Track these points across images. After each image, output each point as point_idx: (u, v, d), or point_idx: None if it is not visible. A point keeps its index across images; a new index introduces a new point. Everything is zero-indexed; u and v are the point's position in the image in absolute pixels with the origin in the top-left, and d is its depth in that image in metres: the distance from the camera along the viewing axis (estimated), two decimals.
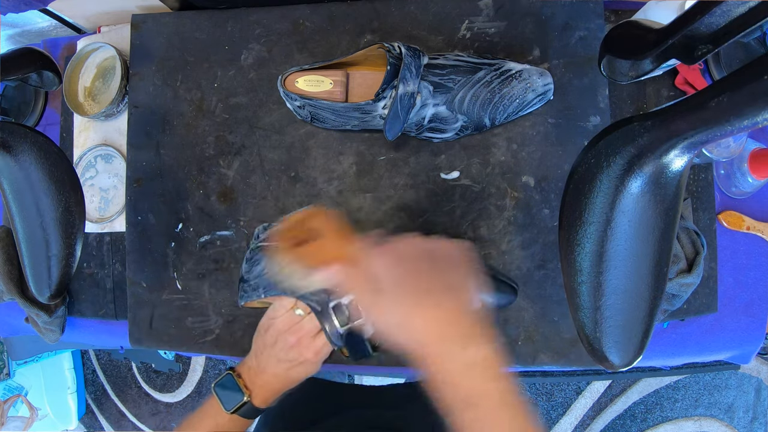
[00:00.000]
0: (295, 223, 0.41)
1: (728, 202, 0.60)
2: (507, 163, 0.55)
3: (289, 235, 0.40)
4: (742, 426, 1.44)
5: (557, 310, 0.53)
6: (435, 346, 0.33)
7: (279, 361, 0.48)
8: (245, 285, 0.51)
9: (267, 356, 0.49)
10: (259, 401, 0.49)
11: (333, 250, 0.39)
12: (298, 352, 0.48)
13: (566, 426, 1.47)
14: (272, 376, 0.48)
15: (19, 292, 0.64)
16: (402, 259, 0.35)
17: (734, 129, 0.27)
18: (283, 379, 0.49)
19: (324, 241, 0.39)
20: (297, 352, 0.48)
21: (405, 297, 0.34)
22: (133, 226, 0.61)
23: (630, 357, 0.37)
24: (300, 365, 0.48)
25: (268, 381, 0.49)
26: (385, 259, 0.35)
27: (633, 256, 0.34)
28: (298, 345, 0.48)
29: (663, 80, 0.59)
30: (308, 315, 0.48)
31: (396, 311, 0.34)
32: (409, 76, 0.47)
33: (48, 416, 1.56)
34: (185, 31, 0.61)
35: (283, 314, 0.49)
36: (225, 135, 0.59)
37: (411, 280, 0.34)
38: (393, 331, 0.35)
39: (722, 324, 0.60)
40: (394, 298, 0.34)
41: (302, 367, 0.49)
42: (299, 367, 0.48)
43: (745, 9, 0.29)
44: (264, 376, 0.49)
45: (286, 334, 0.48)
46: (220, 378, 0.49)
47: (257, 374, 0.49)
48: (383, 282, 0.35)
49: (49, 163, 0.45)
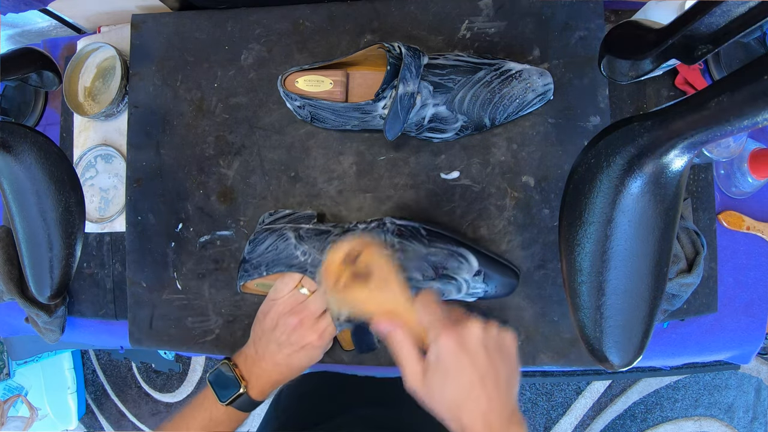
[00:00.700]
0: (346, 256, 0.41)
1: (728, 202, 0.60)
2: (507, 163, 0.55)
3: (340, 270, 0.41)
4: (742, 426, 1.44)
5: (557, 310, 0.53)
6: (478, 425, 0.37)
7: (279, 345, 0.46)
8: (246, 265, 0.49)
9: (266, 342, 0.47)
10: (256, 393, 0.47)
11: (388, 301, 0.41)
12: (300, 334, 0.46)
13: (566, 426, 1.48)
14: (271, 365, 0.47)
15: (19, 292, 0.64)
16: (464, 347, 0.39)
17: (734, 129, 0.27)
18: (283, 368, 0.47)
19: (378, 285, 0.40)
20: (299, 335, 0.46)
21: (462, 384, 0.38)
22: (133, 226, 0.61)
23: (630, 357, 0.37)
24: (302, 350, 0.46)
25: (266, 370, 0.47)
26: (451, 344, 0.39)
27: (633, 256, 0.34)
28: (301, 326, 0.46)
29: (663, 80, 0.59)
30: (313, 295, 0.47)
31: (451, 394, 0.38)
32: (409, 76, 0.47)
33: (48, 416, 1.56)
34: (185, 31, 0.61)
35: (286, 294, 0.47)
36: (225, 135, 0.59)
37: (469, 369, 0.38)
38: (440, 408, 0.39)
39: (722, 324, 0.60)
40: (452, 383, 0.38)
41: (304, 353, 0.46)
42: (301, 353, 0.46)
43: (745, 9, 0.29)
44: (262, 365, 0.47)
45: (288, 316, 0.46)
46: (215, 368, 0.47)
47: (255, 363, 0.47)
48: (445, 364, 0.39)
49: (49, 163, 0.45)
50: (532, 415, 1.49)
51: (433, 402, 0.40)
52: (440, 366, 0.39)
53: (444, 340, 0.39)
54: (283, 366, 0.47)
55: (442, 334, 0.39)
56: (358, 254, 0.41)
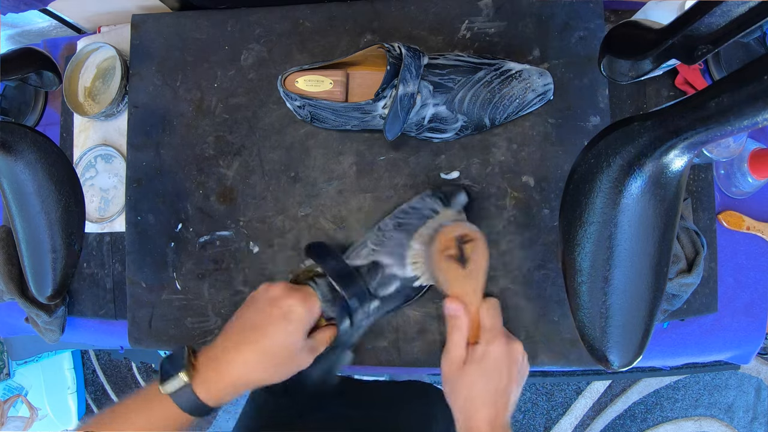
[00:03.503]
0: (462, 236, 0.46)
1: (728, 202, 0.60)
2: (507, 163, 0.55)
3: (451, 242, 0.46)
4: (742, 426, 1.44)
5: (557, 310, 0.53)
6: (484, 427, 0.42)
7: (253, 324, 0.39)
8: None
9: (240, 323, 0.41)
10: (206, 391, 0.38)
11: (469, 291, 0.46)
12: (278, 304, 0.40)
13: (566, 426, 1.48)
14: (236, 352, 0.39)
15: (19, 292, 0.64)
16: (508, 360, 0.45)
17: (734, 129, 0.27)
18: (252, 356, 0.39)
19: (470, 274, 0.46)
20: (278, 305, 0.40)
21: (490, 388, 0.43)
22: (133, 226, 0.61)
23: (630, 357, 0.37)
24: (280, 323, 0.39)
25: (232, 360, 0.39)
26: (500, 352, 0.45)
27: (633, 256, 0.34)
28: (284, 296, 0.41)
29: (663, 80, 0.59)
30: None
31: (478, 392, 0.43)
32: (409, 77, 0.47)
33: (48, 416, 1.56)
34: (185, 31, 0.61)
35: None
36: (225, 135, 0.59)
37: (503, 380, 0.44)
38: (459, 397, 0.44)
39: (722, 324, 0.60)
40: (484, 383, 0.44)
41: (281, 326, 0.39)
42: (278, 326, 0.39)
43: (745, 9, 0.29)
44: (228, 355, 0.39)
45: (271, 288, 0.43)
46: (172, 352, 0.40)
47: (221, 352, 0.39)
48: (488, 365, 0.44)
49: (49, 163, 0.45)
50: (532, 415, 1.49)
51: (457, 391, 0.44)
52: (483, 364, 0.44)
53: (497, 345, 0.44)
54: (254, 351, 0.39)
55: (497, 340, 0.45)
56: (470, 240, 0.46)
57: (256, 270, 0.58)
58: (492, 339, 0.45)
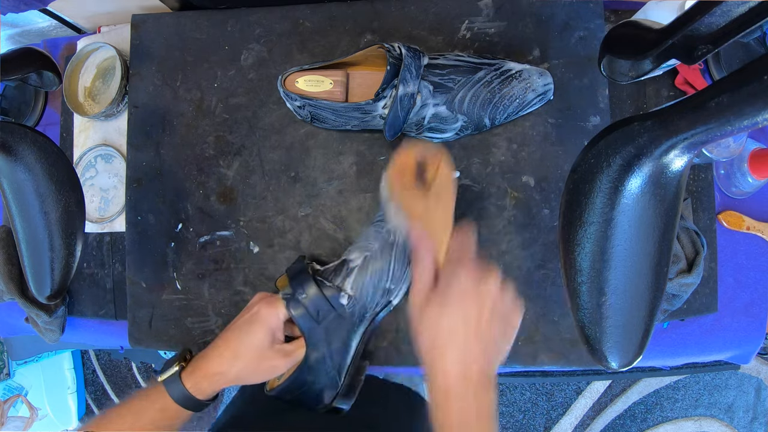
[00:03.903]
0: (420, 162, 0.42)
1: (728, 202, 0.60)
2: (507, 163, 0.55)
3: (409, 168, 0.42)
4: (742, 426, 1.44)
5: (557, 310, 0.53)
6: (454, 380, 0.36)
7: (232, 326, 0.46)
8: None
9: (228, 325, 0.47)
10: (191, 381, 0.44)
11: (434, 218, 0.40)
12: (249, 308, 0.46)
13: (566, 426, 1.47)
14: (213, 348, 0.45)
15: (19, 292, 0.64)
16: (476, 292, 0.38)
17: (734, 129, 0.27)
18: (225, 352, 0.45)
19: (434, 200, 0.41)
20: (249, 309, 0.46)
21: (456, 322, 0.37)
22: (133, 226, 0.61)
23: (630, 357, 0.37)
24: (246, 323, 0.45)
25: (210, 355, 0.45)
26: (466, 282, 0.38)
27: (633, 256, 0.34)
28: (255, 301, 0.47)
29: (663, 80, 0.59)
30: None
31: (442, 327, 0.37)
32: (409, 77, 0.47)
33: (48, 416, 1.56)
34: (185, 31, 0.61)
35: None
36: (225, 135, 0.59)
37: (469, 312, 0.37)
38: (423, 341, 0.38)
39: (722, 324, 0.60)
40: (449, 315, 0.37)
41: (247, 327, 0.45)
42: (245, 326, 0.45)
43: (745, 9, 0.29)
44: (209, 351, 0.45)
45: (254, 297, 0.48)
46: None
47: (208, 349, 0.46)
48: (451, 295, 0.37)
49: (49, 163, 0.45)
50: (532, 415, 1.49)
51: (422, 330, 0.38)
52: (447, 295, 0.38)
53: (462, 275, 0.38)
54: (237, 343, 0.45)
55: (464, 269, 0.38)
56: (430, 164, 0.42)
57: (257, 270, 0.58)
58: (459, 267, 0.38)
